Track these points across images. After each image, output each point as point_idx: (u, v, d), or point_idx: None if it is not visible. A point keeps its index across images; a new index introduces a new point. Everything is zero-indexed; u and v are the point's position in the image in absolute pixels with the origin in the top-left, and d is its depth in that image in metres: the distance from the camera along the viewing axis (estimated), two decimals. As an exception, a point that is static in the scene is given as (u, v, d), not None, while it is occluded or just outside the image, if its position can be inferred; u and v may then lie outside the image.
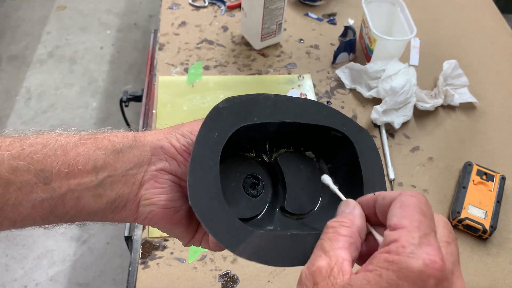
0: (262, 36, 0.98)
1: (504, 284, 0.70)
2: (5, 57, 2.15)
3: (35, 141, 0.38)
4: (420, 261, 0.26)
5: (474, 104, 0.94)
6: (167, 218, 0.41)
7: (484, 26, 1.13)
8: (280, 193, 0.45)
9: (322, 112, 0.44)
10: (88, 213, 0.39)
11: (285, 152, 0.46)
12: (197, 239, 0.44)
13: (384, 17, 1.00)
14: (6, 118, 1.92)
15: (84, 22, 2.33)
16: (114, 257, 1.56)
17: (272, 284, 0.68)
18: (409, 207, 0.30)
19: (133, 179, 0.39)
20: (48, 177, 0.36)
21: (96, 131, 0.41)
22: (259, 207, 0.43)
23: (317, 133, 0.44)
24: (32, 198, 0.36)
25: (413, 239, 0.27)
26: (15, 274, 1.50)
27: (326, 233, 0.33)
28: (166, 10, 1.10)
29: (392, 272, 0.26)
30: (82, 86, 2.05)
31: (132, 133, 0.42)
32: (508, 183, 0.80)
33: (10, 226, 0.37)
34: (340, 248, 0.31)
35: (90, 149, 0.38)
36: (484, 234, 0.73)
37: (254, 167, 0.45)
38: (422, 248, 0.27)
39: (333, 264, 0.29)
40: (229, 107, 0.40)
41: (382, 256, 0.28)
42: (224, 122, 0.40)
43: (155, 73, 0.96)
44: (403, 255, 0.27)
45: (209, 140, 0.39)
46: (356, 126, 0.44)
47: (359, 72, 0.94)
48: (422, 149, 0.86)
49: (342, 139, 0.44)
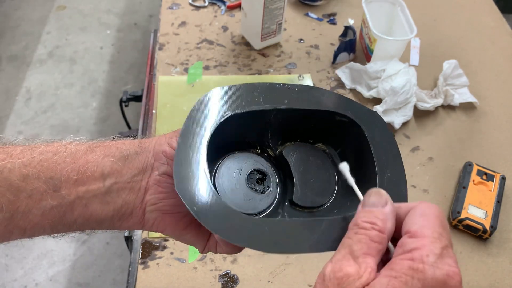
0: (262, 36, 0.98)
1: (504, 284, 0.70)
2: (5, 57, 2.15)
3: (45, 149, 0.38)
4: (444, 272, 0.27)
5: (474, 104, 0.94)
6: (174, 223, 0.41)
7: (484, 26, 1.13)
8: (289, 186, 0.43)
9: (321, 96, 0.42)
10: (96, 221, 0.39)
11: (291, 144, 0.44)
12: (212, 244, 0.43)
13: (384, 17, 1.00)
14: (6, 118, 1.92)
15: (84, 22, 2.33)
16: (114, 257, 1.55)
17: (272, 284, 0.68)
18: (430, 217, 0.30)
19: (138, 185, 0.40)
20: (57, 184, 0.37)
21: (105, 139, 0.42)
22: (267, 202, 0.42)
23: (321, 119, 0.42)
24: (42, 206, 0.36)
25: (436, 249, 0.28)
26: (15, 274, 1.50)
27: (357, 234, 0.31)
28: (166, 10, 1.10)
29: (417, 281, 0.27)
30: (82, 86, 2.05)
31: (138, 140, 0.42)
32: (508, 183, 0.80)
33: (20, 235, 0.37)
34: (370, 255, 0.30)
35: (99, 157, 0.39)
36: (484, 234, 0.73)
37: (260, 162, 0.43)
38: (444, 259, 0.28)
39: (362, 272, 0.29)
40: (217, 97, 0.39)
41: (405, 262, 0.28)
42: (212, 112, 0.39)
43: (155, 73, 0.96)
44: (428, 264, 0.27)
45: (195, 129, 0.38)
46: (363, 108, 0.42)
47: (359, 72, 0.94)
48: (422, 149, 0.86)
49: (349, 123, 0.42)
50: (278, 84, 0.41)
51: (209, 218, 0.35)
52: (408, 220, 0.31)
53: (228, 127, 0.39)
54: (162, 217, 0.40)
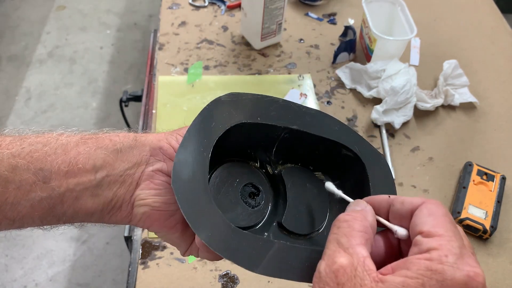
0: (262, 36, 0.98)
1: (504, 284, 0.70)
2: (5, 57, 2.15)
3: (35, 140, 0.37)
4: (464, 273, 0.26)
5: (474, 104, 0.94)
6: (161, 221, 0.40)
7: (484, 26, 1.13)
8: (280, 207, 0.42)
9: (334, 126, 0.41)
10: (85, 214, 0.38)
11: (292, 166, 0.43)
12: (194, 247, 0.43)
13: (384, 17, 1.00)
14: (5, 118, 1.92)
15: (84, 22, 2.33)
16: (114, 257, 1.55)
17: (272, 284, 0.68)
18: (439, 216, 0.30)
19: (130, 179, 0.39)
20: (47, 176, 0.36)
21: (97, 131, 0.41)
22: (255, 218, 0.41)
23: (326, 148, 0.41)
24: (31, 197, 0.35)
25: (454, 248, 0.27)
26: (14, 274, 1.50)
27: (340, 228, 0.31)
28: (166, 10, 1.10)
29: (436, 282, 0.26)
30: (82, 86, 2.05)
31: (133, 134, 0.41)
32: (508, 183, 0.80)
33: (8, 225, 0.36)
34: (359, 244, 0.30)
35: (91, 149, 0.38)
36: (485, 234, 0.73)
37: (256, 176, 0.43)
38: (464, 259, 0.27)
39: (356, 263, 0.28)
40: (231, 101, 0.38)
41: (422, 263, 0.27)
42: (224, 115, 0.38)
43: (155, 73, 0.96)
44: (447, 265, 0.26)
45: (204, 128, 0.37)
46: (370, 147, 0.42)
47: (359, 72, 0.94)
48: (423, 149, 0.86)
49: (354, 159, 0.41)
50: (295, 104, 0.41)
51: (197, 221, 0.34)
52: (417, 220, 0.30)
53: (236, 134, 0.39)
54: (151, 213, 0.39)
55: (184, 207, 0.34)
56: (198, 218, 0.34)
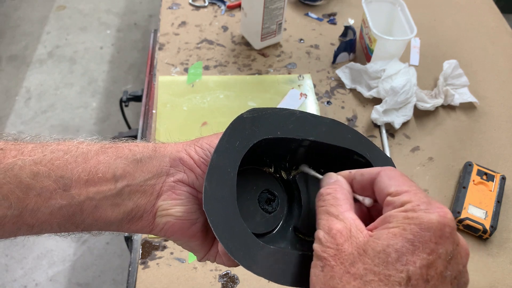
0: (262, 36, 0.98)
1: (504, 284, 0.70)
2: (5, 57, 2.15)
3: (56, 147, 0.38)
4: (436, 214, 0.30)
5: (474, 104, 0.94)
6: (183, 230, 0.41)
7: (484, 26, 1.13)
8: (295, 212, 0.44)
9: (347, 134, 0.43)
10: (104, 223, 0.39)
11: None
12: (212, 253, 0.44)
13: (384, 17, 1.00)
14: (5, 118, 1.92)
15: (84, 22, 2.33)
16: (114, 257, 1.55)
17: (272, 284, 0.68)
18: (399, 177, 0.34)
19: (151, 190, 0.39)
20: (67, 183, 0.36)
21: (117, 140, 0.42)
22: (272, 224, 0.43)
23: (339, 155, 0.44)
24: (51, 204, 0.36)
25: (422, 198, 0.32)
26: (15, 274, 1.50)
27: (326, 200, 0.35)
28: (166, 10, 1.10)
29: (414, 226, 0.30)
30: (82, 86, 2.05)
31: (153, 144, 0.42)
32: (508, 183, 0.80)
33: (27, 231, 0.37)
34: (346, 211, 0.34)
35: (111, 158, 0.38)
36: (484, 234, 0.73)
37: (272, 182, 0.44)
38: (432, 204, 0.31)
39: (349, 225, 0.32)
40: (253, 118, 0.40)
41: (400, 214, 0.31)
42: (247, 132, 0.40)
43: (155, 73, 0.96)
44: (420, 212, 0.31)
45: (230, 148, 0.38)
46: (381, 153, 0.44)
47: (359, 72, 0.94)
48: (422, 149, 0.86)
49: (364, 164, 0.43)
50: (311, 115, 0.43)
51: (231, 242, 0.36)
52: (382, 185, 0.34)
53: (257, 149, 0.41)
54: (173, 222, 0.40)
55: (218, 231, 0.36)
56: (232, 240, 0.36)
